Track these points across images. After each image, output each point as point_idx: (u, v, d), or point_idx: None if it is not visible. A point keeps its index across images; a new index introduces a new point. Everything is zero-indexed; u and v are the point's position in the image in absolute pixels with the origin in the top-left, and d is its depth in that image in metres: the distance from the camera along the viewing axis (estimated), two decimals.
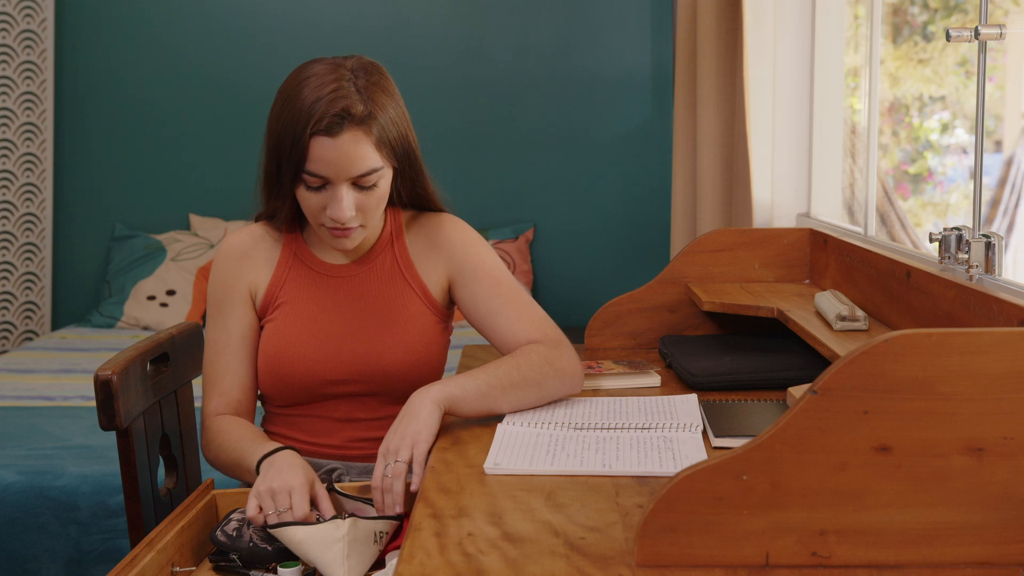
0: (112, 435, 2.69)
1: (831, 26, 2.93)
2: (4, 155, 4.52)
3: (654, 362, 2.23)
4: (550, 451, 1.59)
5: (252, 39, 4.72)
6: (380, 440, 1.87)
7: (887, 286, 2.00)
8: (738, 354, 2.11)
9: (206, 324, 1.94)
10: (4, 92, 4.50)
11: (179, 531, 1.61)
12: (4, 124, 4.51)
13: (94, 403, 1.79)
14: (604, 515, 1.34)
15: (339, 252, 1.91)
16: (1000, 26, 1.72)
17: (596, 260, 4.79)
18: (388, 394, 1.87)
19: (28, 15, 4.52)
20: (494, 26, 4.74)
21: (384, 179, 1.79)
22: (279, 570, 1.57)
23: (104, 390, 1.73)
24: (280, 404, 1.90)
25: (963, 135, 5.21)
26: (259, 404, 1.97)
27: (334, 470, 1.79)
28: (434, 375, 1.89)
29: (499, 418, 1.76)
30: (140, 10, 4.71)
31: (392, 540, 1.62)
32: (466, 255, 1.90)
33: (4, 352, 4.56)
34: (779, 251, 2.43)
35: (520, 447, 1.61)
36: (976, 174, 1.83)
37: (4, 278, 4.56)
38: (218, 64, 4.72)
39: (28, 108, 4.55)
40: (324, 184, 1.75)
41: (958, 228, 1.80)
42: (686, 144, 3.20)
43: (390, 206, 1.92)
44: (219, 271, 1.92)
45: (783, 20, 2.91)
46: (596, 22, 4.72)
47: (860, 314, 1.94)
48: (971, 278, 1.72)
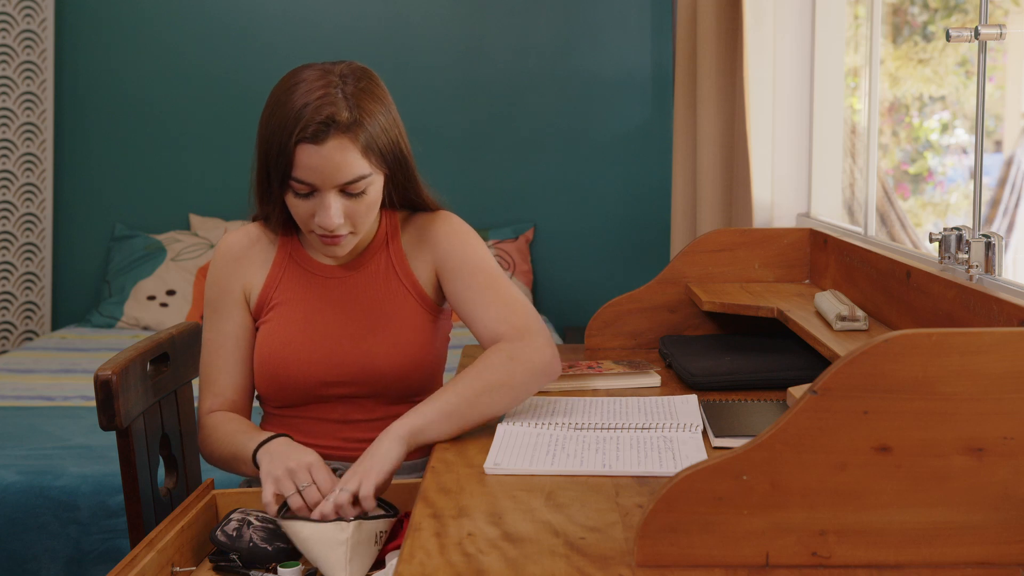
0: (112, 435, 2.69)
1: (831, 26, 2.93)
2: (4, 155, 4.52)
3: (654, 362, 2.23)
4: (550, 451, 1.59)
5: (252, 39, 4.72)
6: None
7: (887, 286, 2.00)
8: (738, 354, 2.11)
9: (203, 324, 1.94)
10: (4, 92, 4.50)
11: (179, 531, 1.61)
12: (4, 124, 4.51)
13: (94, 403, 1.79)
14: (604, 515, 1.34)
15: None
16: (1000, 26, 1.72)
17: (596, 260, 4.79)
18: (384, 395, 1.86)
19: (28, 15, 4.52)
20: (494, 26, 4.74)
21: (373, 186, 1.76)
22: (279, 570, 1.57)
23: (104, 390, 1.73)
24: (276, 405, 1.90)
25: (963, 135, 5.21)
26: (258, 405, 1.97)
27: (335, 470, 1.78)
28: (431, 375, 1.88)
29: (499, 417, 1.75)
30: (140, 10, 4.71)
31: (392, 540, 1.62)
32: (449, 247, 1.87)
33: (4, 352, 4.56)
34: (779, 251, 2.43)
35: (520, 447, 1.61)
36: (976, 174, 1.83)
37: (4, 278, 4.56)
38: (218, 64, 4.72)
39: (28, 108, 4.55)
40: (312, 191, 1.74)
41: (958, 228, 1.80)
42: (686, 144, 3.20)
43: (385, 209, 1.90)
44: (214, 272, 1.92)
45: (783, 20, 2.91)
46: (596, 22, 4.72)
47: (860, 314, 1.94)
48: (971, 278, 1.72)
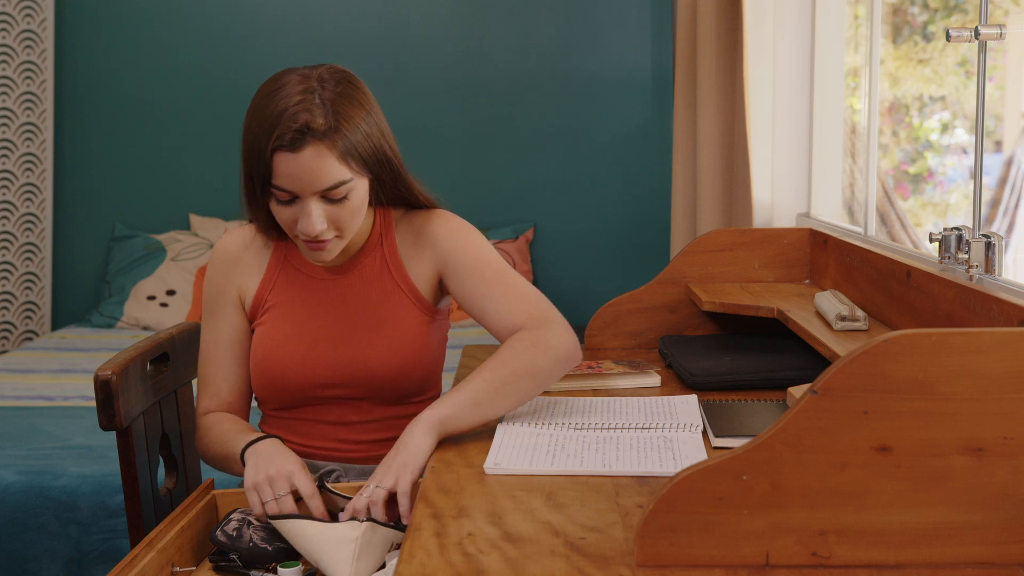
0: (112, 435, 2.69)
1: (831, 26, 2.93)
2: (4, 155, 4.52)
3: (654, 362, 2.23)
4: (550, 451, 1.59)
5: (252, 39, 4.72)
6: (376, 442, 1.87)
7: (887, 286, 2.00)
8: (738, 354, 2.11)
9: (201, 325, 1.94)
10: (4, 92, 4.50)
11: (179, 531, 1.61)
12: (4, 124, 4.51)
13: (94, 403, 1.79)
14: (604, 515, 1.34)
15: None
16: (1000, 26, 1.72)
17: (596, 260, 4.79)
18: (379, 397, 1.85)
19: (28, 15, 4.52)
20: (494, 26, 4.74)
21: (356, 191, 1.75)
22: (279, 570, 1.57)
23: (104, 390, 1.73)
24: (273, 407, 1.90)
25: (963, 135, 5.21)
26: (256, 406, 1.97)
27: (332, 471, 1.78)
28: (427, 376, 1.87)
29: (499, 418, 1.76)
30: (140, 10, 4.71)
31: None
32: (450, 246, 1.85)
33: (4, 352, 4.56)
34: (779, 251, 2.43)
35: (520, 447, 1.61)
36: (976, 174, 1.83)
37: (4, 278, 4.56)
38: (218, 64, 4.72)
39: (28, 108, 4.55)
40: (293, 198, 1.73)
41: (958, 228, 1.80)
42: (686, 144, 3.20)
43: (379, 206, 1.89)
44: (211, 274, 1.92)
45: (783, 20, 2.91)
46: (596, 22, 4.72)
47: (860, 314, 1.94)
48: (971, 278, 1.72)
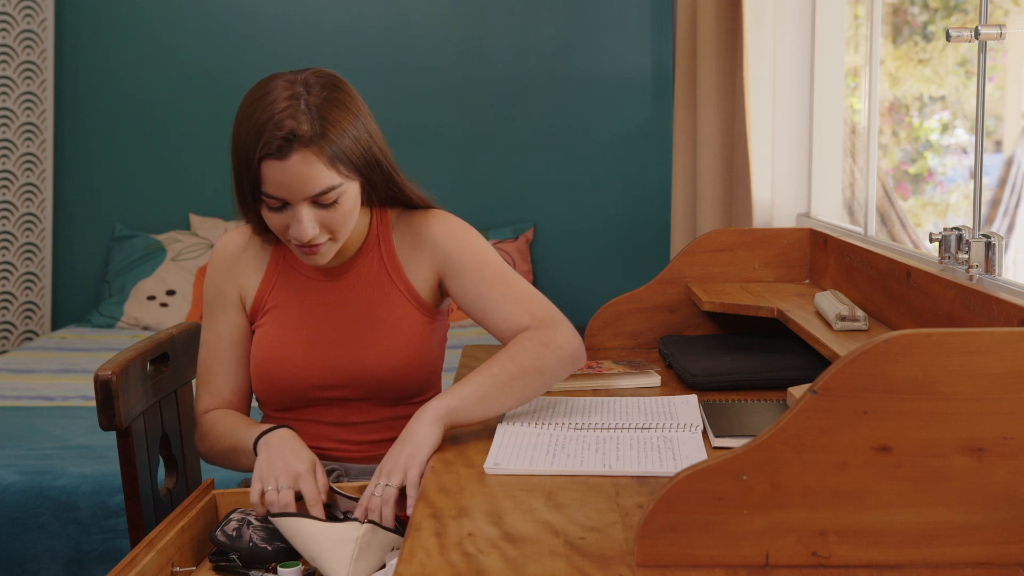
0: (112, 435, 2.69)
1: (831, 26, 2.93)
2: (4, 155, 4.52)
3: (654, 362, 2.23)
4: (550, 451, 1.59)
5: (252, 39, 4.72)
6: (377, 442, 1.87)
7: (887, 286, 2.00)
8: (738, 354, 2.11)
9: (202, 324, 1.94)
10: (4, 92, 4.50)
11: (179, 531, 1.61)
12: (4, 124, 4.51)
13: (94, 403, 1.79)
14: (604, 515, 1.34)
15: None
16: (1000, 26, 1.72)
17: (596, 260, 4.79)
18: (378, 398, 1.85)
19: (28, 15, 4.52)
20: (494, 26, 4.74)
21: (346, 195, 1.74)
22: (279, 570, 1.57)
23: (104, 390, 1.73)
24: (273, 408, 1.90)
25: (963, 135, 5.21)
26: (256, 406, 1.97)
27: (332, 471, 1.78)
28: (426, 377, 1.87)
29: (499, 418, 1.76)
30: (140, 10, 4.71)
31: None
32: (449, 248, 1.85)
33: (4, 352, 4.56)
34: (779, 251, 2.43)
35: (520, 447, 1.61)
36: (976, 174, 1.83)
37: (4, 278, 4.56)
38: (218, 64, 4.72)
39: (28, 108, 4.55)
40: (284, 204, 1.73)
41: (958, 228, 1.80)
42: (686, 144, 3.20)
43: (375, 207, 1.89)
44: (211, 274, 1.92)
45: (783, 20, 2.91)
46: (596, 22, 4.72)
47: (860, 314, 1.94)
48: (971, 278, 1.72)
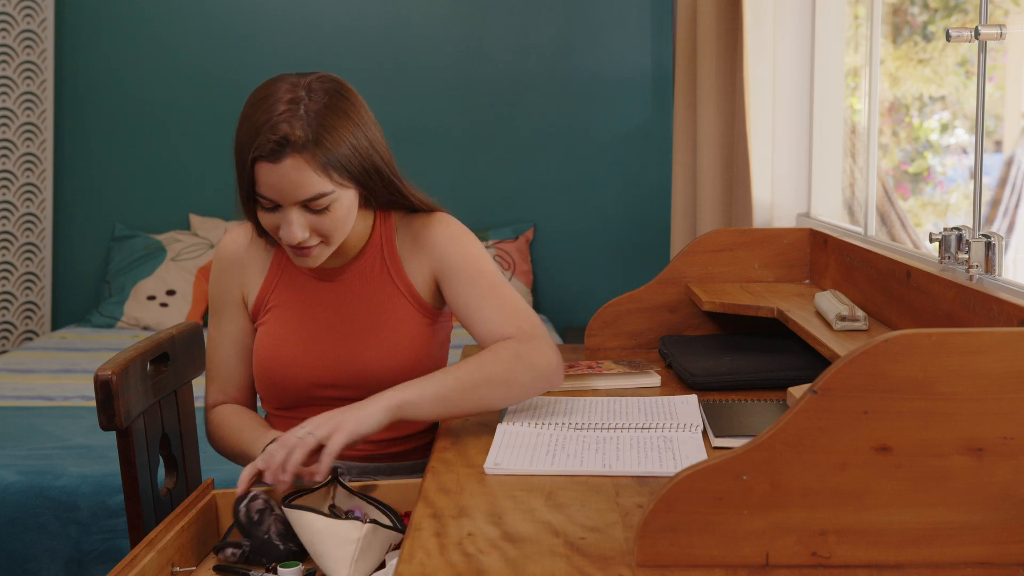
0: (112, 435, 2.69)
1: (831, 26, 2.93)
2: (4, 155, 4.52)
3: (654, 362, 2.23)
4: (550, 451, 1.59)
5: (252, 39, 4.72)
6: (377, 442, 1.87)
7: (887, 286, 2.00)
8: (738, 354, 2.11)
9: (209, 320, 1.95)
10: (4, 92, 4.50)
11: (179, 531, 1.61)
12: (4, 124, 4.51)
13: (94, 403, 1.79)
14: (604, 515, 1.34)
15: (331, 256, 1.88)
16: (1000, 26, 1.72)
17: (596, 260, 4.79)
18: None
19: (28, 15, 4.52)
20: (494, 26, 4.74)
21: (339, 202, 1.74)
22: (279, 570, 1.57)
23: (104, 390, 1.73)
24: (276, 406, 1.90)
25: (963, 135, 5.21)
26: (260, 404, 1.97)
27: (335, 468, 1.78)
28: None
29: (499, 418, 1.76)
30: (140, 10, 4.71)
31: None
32: (447, 252, 1.85)
33: (4, 352, 4.56)
34: (779, 251, 2.43)
35: (520, 447, 1.61)
36: (976, 174, 1.83)
37: (4, 278, 4.56)
38: (218, 64, 4.72)
39: (28, 108, 4.55)
40: (276, 206, 1.73)
41: (958, 228, 1.80)
42: (686, 144, 3.20)
43: (379, 210, 1.89)
44: (214, 273, 1.93)
45: (783, 20, 2.91)
46: (596, 22, 4.72)
47: (860, 314, 1.94)
48: (971, 278, 1.72)
